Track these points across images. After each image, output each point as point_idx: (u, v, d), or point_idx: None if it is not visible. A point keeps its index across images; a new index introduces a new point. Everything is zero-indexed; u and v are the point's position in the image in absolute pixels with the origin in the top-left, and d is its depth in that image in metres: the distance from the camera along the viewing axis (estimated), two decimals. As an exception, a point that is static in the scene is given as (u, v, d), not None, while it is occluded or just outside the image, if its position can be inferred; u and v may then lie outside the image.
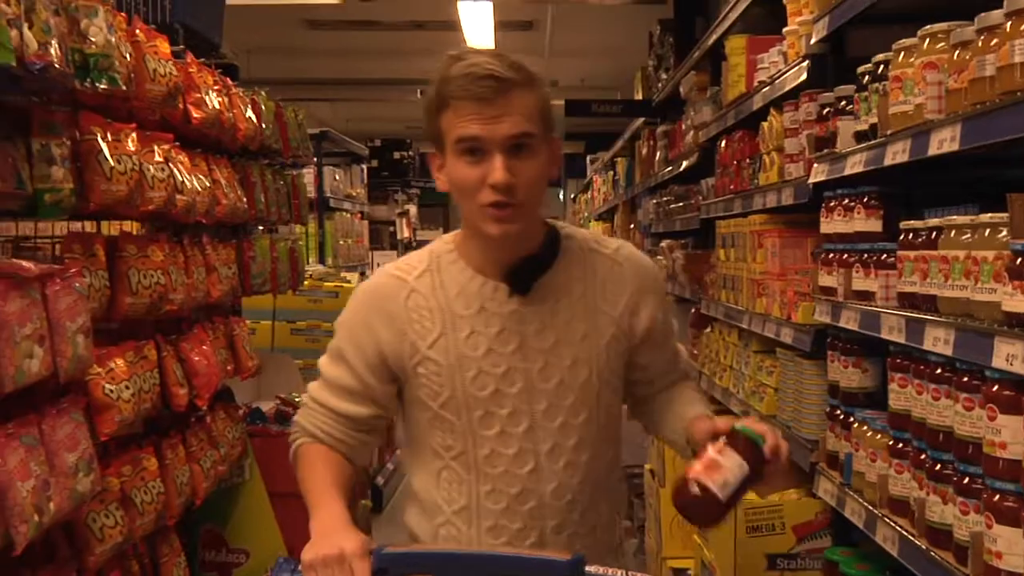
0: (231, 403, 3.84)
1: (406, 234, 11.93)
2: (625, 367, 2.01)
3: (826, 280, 2.56)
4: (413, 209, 12.67)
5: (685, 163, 4.84)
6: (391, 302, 1.91)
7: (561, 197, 18.74)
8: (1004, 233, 1.67)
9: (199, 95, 3.19)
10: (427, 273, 1.93)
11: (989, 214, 1.75)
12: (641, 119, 6.65)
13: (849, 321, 2.38)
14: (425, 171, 12.95)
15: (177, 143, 3.06)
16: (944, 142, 1.84)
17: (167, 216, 2.97)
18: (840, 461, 2.51)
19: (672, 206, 5.28)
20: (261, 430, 4.05)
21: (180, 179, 2.97)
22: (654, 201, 5.91)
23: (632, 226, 7.51)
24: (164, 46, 2.87)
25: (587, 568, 1.61)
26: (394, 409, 2.01)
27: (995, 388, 1.68)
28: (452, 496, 1.91)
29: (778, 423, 3.07)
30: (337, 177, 7.71)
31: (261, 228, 4.51)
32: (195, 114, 3.14)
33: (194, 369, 3.17)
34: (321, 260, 7.26)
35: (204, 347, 3.29)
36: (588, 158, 12.96)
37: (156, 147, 2.83)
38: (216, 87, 3.40)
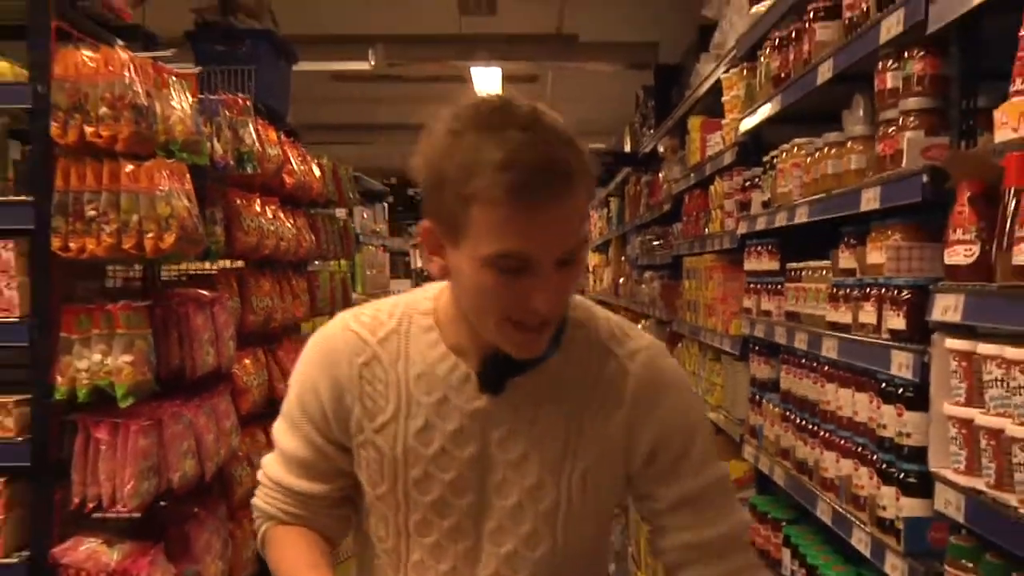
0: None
1: (419, 263, 13.03)
2: (636, 499, 1.68)
3: (747, 303, 3.63)
4: (425, 241, 13.79)
5: (663, 209, 5.92)
6: (344, 366, 1.59)
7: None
8: (828, 274, 2.74)
9: (290, 165, 4.28)
10: (394, 335, 1.60)
11: (822, 262, 2.82)
12: (629, 167, 7.75)
13: (759, 331, 3.44)
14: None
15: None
16: (802, 215, 2.91)
17: (271, 257, 4.05)
18: (757, 430, 3.56)
19: (653, 243, 6.35)
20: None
21: (281, 230, 4.05)
22: (639, 238, 6.99)
23: (623, 258, 8.58)
24: (273, 135, 3.96)
25: None
26: None
27: (825, 368, 2.74)
28: None
29: (723, 409, 4.13)
30: (365, 215, 8.81)
31: (317, 262, 5.60)
32: (288, 180, 4.23)
33: (284, 371, 4.24)
34: (353, 288, 8.36)
35: (291, 355, 4.36)
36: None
37: (268, 208, 3.91)
38: (299, 157, 4.49)
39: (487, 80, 9.64)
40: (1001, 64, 1.74)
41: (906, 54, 2.19)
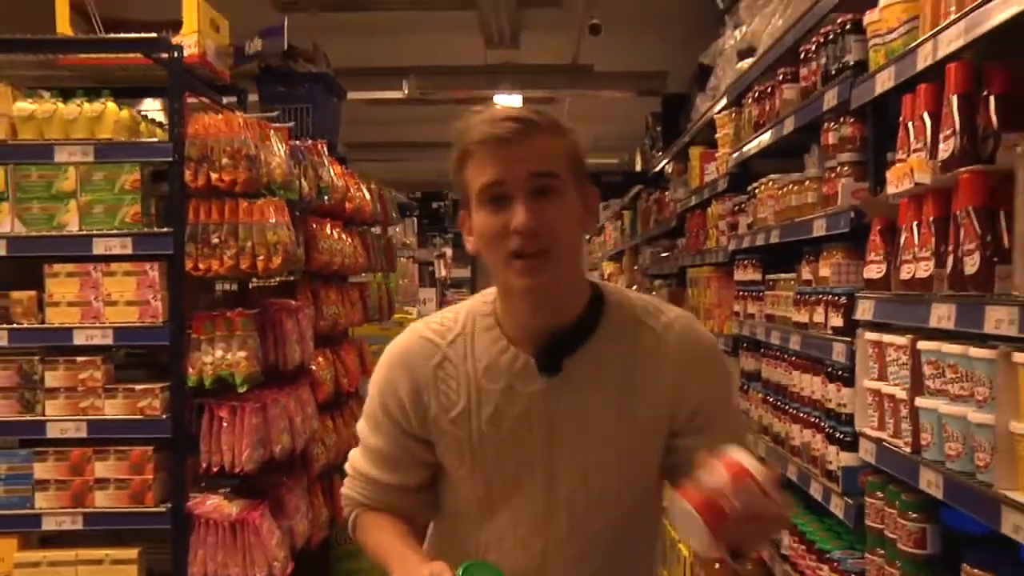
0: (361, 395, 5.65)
1: (444, 273, 13.80)
2: (667, 449, 1.81)
3: (737, 307, 4.35)
4: (449, 251, 14.54)
5: (670, 225, 6.65)
6: (420, 368, 1.80)
7: (577, 238, 20.52)
8: (794, 284, 3.46)
9: (350, 193, 5.02)
10: (460, 338, 1.80)
11: (790, 274, 3.54)
12: (640, 185, 8.48)
13: (746, 331, 4.16)
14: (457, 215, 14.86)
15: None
16: (775, 237, 3.63)
17: (337, 272, 4.79)
18: (745, 414, 4.27)
19: (662, 255, 7.07)
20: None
21: (344, 248, 4.79)
22: (650, 250, 7.72)
23: (636, 267, 9.30)
24: (338, 168, 4.71)
25: None
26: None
27: (792, 358, 3.46)
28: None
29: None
30: (398, 229, 9.57)
31: (365, 275, 6.34)
32: (348, 206, 4.96)
33: (346, 368, 4.98)
34: (390, 296, 9.12)
35: (351, 355, 5.11)
36: (600, 205, 14.78)
37: (334, 230, 4.66)
38: (355, 185, 5.23)
39: (509, 102, 10.40)
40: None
41: (841, 119, 2.92)
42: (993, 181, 1.90)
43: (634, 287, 9.29)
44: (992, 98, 1.97)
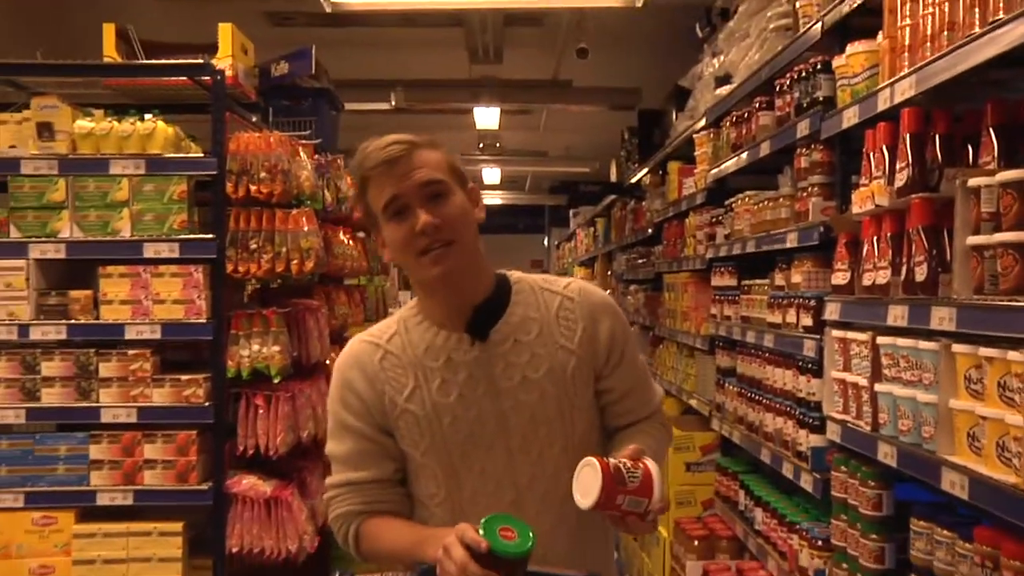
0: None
1: (419, 276, 14.18)
2: (596, 394, 2.09)
3: (713, 310, 4.79)
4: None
5: (646, 233, 7.10)
6: (367, 363, 2.02)
7: (545, 244, 20.94)
8: (768, 289, 3.91)
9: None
10: (396, 336, 2.04)
11: (764, 280, 3.99)
12: (615, 195, 8.93)
13: (722, 331, 4.60)
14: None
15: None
16: (751, 246, 4.08)
17: (347, 275, 5.19)
18: (721, 406, 4.72)
19: (637, 262, 7.51)
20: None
21: (352, 253, 5.19)
22: (625, 257, 8.16)
23: (609, 273, 9.74)
24: (349, 178, 5.10)
25: None
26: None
27: (766, 355, 3.90)
28: None
29: (696, 394, 5.29)
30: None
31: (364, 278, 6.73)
32: (355, 214, 5.36)
33: (351, 364, 5.36)
34: (372, 299, 9.48)
35: (355, 351, 5.50)
36: (571, 211, 15.24)
37: (345, 236, 5.05)
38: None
39: (487, 113, 10.79)
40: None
41: (812, 146, 3.37)
42: (938, 205, 2.33)
43: (608, 292, 9.74)
44: (937, 138, 2.42)
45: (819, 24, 3.21)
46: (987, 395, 2.05)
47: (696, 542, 4.52)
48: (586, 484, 1.79)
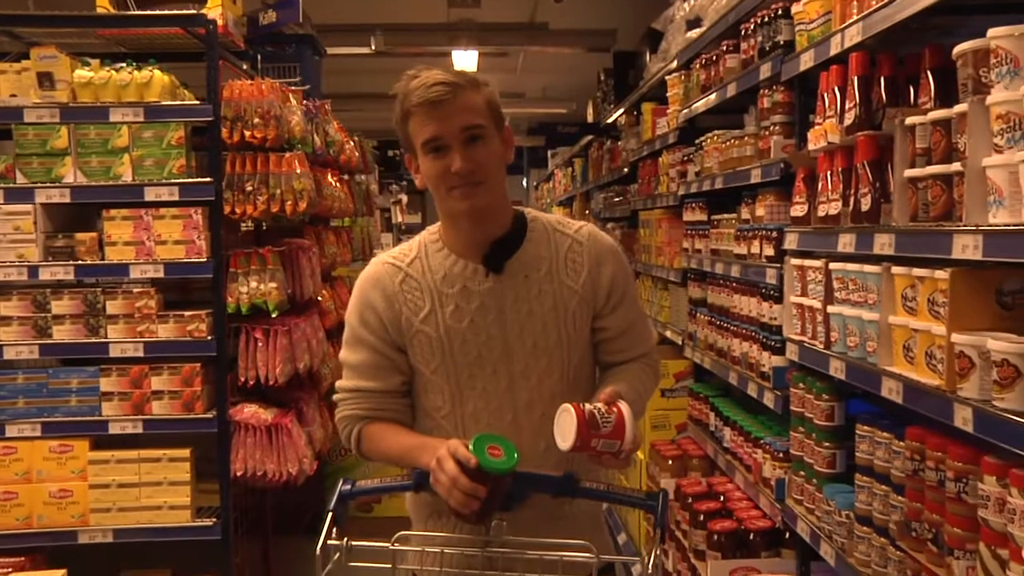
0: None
1: (400, 218, 14.36)
2: (593, 332, 2.25)
3: (685, 244, 5.04)
4: (405, 198, 15.11)
5: (622, 172, 7.32)
6: (388, 284, 2.17)
7: (524, 184, 21.12)
8: (735, 223, 4.16)
9: (344, 144, 5.61)
10: (417, 260, 2.19)
11: (732, 215, 4.23)
12: (592, 135, 9.13)
13: (693, 263, 4.85)
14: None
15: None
16: (719, 183, 4.32)
17: (335, 216, 5.40)
18: (693, 335, 4.99)
19: (614, 200, 7.74)
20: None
21: (339, 194, 5.40)
22: (602, 195, 8.39)
23: (587, 212, 9.97)
24: (336, 123, 5.29)
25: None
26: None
27: (733, 284, 4.16)
28: None
29: (671, 324, 5.56)
30: (363, 177, 10.12)
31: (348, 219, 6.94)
32: (343, 157, 5.56)
33: (343, 301, 5.60)
34: (356, 240, 9.69)
35: (344, 291, 5.73)
36: (549, 152, 15.43)
37: (333, 179, 5.25)
38: (345, 137, 5.82)
39: (464, 57, 10.93)
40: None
41: (774, 87, 3.60)
42: (881, 142, 2.57)
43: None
44: (882, 79, 2.66)
45: (779, -28, 3.42)
46: (919, 310, 2.31)
47: (670, 461, 4.81)
48: (564, 428, 1.95)
